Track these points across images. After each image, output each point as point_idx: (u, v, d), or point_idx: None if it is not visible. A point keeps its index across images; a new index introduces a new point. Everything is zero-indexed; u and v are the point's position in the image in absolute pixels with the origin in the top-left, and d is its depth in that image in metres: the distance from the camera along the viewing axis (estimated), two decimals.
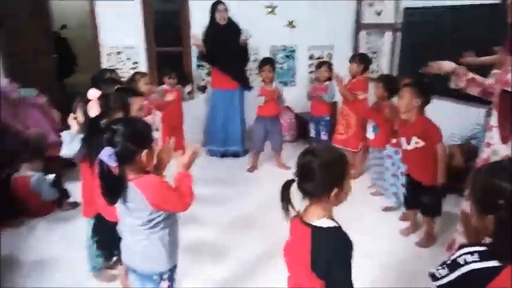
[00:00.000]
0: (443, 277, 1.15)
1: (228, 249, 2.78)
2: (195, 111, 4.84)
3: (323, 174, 1.28)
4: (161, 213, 1.55)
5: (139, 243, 1.59)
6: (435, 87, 2.71)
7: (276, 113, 4.18)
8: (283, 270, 1.45)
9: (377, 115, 3.40)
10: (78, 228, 2.33)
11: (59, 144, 3.89)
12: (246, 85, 4.47)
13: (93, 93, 1.62)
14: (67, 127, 2.08)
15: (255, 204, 3.43)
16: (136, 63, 4.60)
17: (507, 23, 2.21)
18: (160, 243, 1.58)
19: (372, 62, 4.98)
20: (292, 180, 1.34)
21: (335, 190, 1.29)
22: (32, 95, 3.97)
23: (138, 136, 1.48)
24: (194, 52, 4.75)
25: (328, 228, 1.30)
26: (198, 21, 4.56)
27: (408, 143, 2.72)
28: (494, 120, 2.20)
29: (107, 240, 2.00)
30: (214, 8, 4.23)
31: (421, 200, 2.75)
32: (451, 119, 3.23)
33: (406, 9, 4.35)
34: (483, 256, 1.09)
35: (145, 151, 1.48)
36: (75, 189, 2.65)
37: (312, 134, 4.45)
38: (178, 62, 4.87)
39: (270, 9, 4.90)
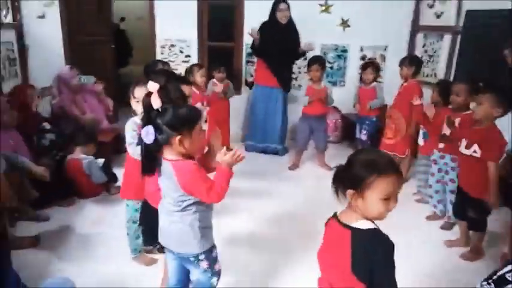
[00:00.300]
0: None
1: (264, 242, 2.80)
2: (242, 106, 4.90)
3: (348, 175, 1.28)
4: (191, 198, 1.62)
5: (172, 225, 1.68)
6: None
7: (322, 112, 4.11)
8: (316, 268, 1.43)
9: (428, 121, 3.24)
10: (123, 210, 2.43)
11: (110, 131, 4.16)
12: (286, 88, 4.45)
13: (154, 86, 1.67)
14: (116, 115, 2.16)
15: (293, 201, 3.43)
16: (188, 56, 4.72)
17: None
18: (190, 227, 1.65)
19: (423, 65, 4.79)
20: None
21: (352, 191, 1.26)
22: (90, 82, 4.18)
23: (176, 122, 1.56)
24: (245, 48, 4.81)
25: (368, 230, 1.27)
26: (253, 18, 4.59)
27: (468, 147, 2.54)
28: None
29: (151, 227, 2.06)
30: (275, 6, 4.21)
31: (467, 213, 2.61)
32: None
33: (468, 11, 4.11)
34: None
35: (179, 137, 1.55)
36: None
37: (358, 134, 4.37)
38: (229, 57, 4.93)
39: (324, 8, 4.83)
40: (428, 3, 4.76)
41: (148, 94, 1.63)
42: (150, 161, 1.63)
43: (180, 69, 4.42)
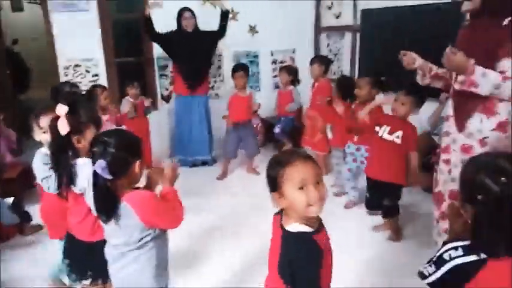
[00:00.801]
0: (431, 274, 1.17)
1: (203, 258, 2.73)
2: (160, 122, 4.76)
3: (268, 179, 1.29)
4: (151, 232, 1.47)
5: (124, 269, 1.50)
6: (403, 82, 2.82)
7: (248, 118, 4.17)
8: (258, 278, 1.41)
9: (331, 115, 3.46)
10: (42, 251, 2.20)
11: (16, 165, 3.76)
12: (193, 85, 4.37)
13: (62, 109, 1.56)
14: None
15: (228, 211, 3.41)
16: (96, 75, 4.46)
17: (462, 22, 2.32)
18: (146, 265, 1.49)
19: (332, 63, 5.10)
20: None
21: (274, 194, 1.27)
22: None
23: (131, 146, 1.46)
24: (157, 62, 4.68)
25: (296, 233, 1.25)
26: (160, 29, 4.48)
27: (390, 133, 2.73)
28: (450, 111, 2.30)
29: (79, 262, 1.89)
30: (180, 15, 4.20)
31: (382, 203, 2.83)
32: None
33: (363, 10, 4.46)
34: (467, 250, 1.11)
35: (138, 161, 1.45)
36: (37, 212, 2.51)
37: (276, 130, 4.51)
38: (140, 73, 4.76)
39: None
40: (327, 4, 5.07)
41: (55, 119, 1.49)
42: (111, 202, 1.40)
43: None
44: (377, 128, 2.80)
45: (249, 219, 3.20)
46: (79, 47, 4.32)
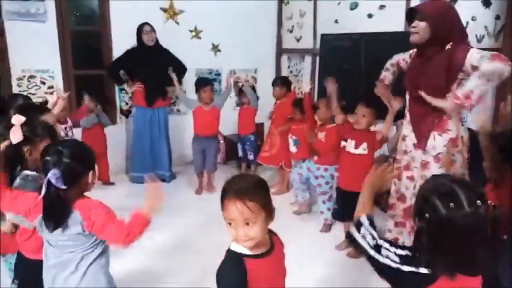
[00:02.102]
0: (368, 246, 1.24)
1: (164, 276, 2.67)
2: (118, 136, 4.65)
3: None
4: (97, 240, 1.46)
5: (70, 279, 1.46)
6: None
7: (213, 134, 4.20)
8: None
9: (297, 130, 3.64)
10: None
11: None
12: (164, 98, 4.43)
13: (18, 119, 1.54)
14: None
15: (184, 229, 3.37)
16: (51, 87, 4.29)
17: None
18: (99, 273, 1.48)
19: (292, 84, 5.26)
20: None
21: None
22: None
23: (84, 156, 1.49)
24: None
25: (230, 250, 1.28)
26: (120, 43, 4.43)
27: (356, 147, 2.93)
28: (406, 131, 2.47)
29: (28, 281, 1.79)
30: (140, 30, 4.17)
31: (351, 214, 2.89)
32: None
33: (323, 35, 4.65)
34: (403, 260, 1.18)
35: (91, 172, 1.48)
36: None
37: (240, 154, 4.64)
38: (100, 86, 4.65)
39: (194, 33, 4.93)
40: (288, 28, 5.25)
41: (9, 127, 1.48)
42: (61, 210, 1.39)
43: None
44: (343, 143, 3.00)
45: (209, 236, 3.17)
46: (34, 57, 4.16)
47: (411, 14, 2.32)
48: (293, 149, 3.74)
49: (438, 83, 2.25)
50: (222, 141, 5.05)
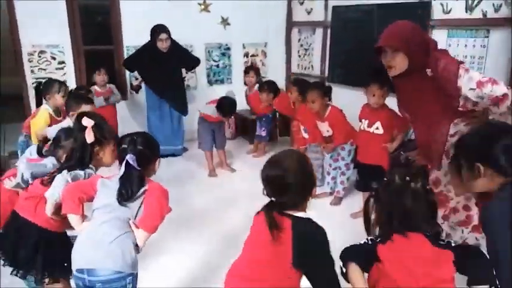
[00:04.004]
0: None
1: (167, 248, 2.72)
2: (129, 112, 4.68)
3: (301, 185, 1.40)
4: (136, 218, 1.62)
5: (112, 244, 1.54)
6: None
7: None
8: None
9: (303, 121, 3.65)
10: None
11: None
12: (183, 112, 4.44)
13: (89, 122, 1.79)
14: None
15: (194, 202, 3.42)
16: (62, 62, 4.31)
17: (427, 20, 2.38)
18: (131, 245, 1.59)
19: (300, 58, 5.22)
20: (272, 202, 1.43)
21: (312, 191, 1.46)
22: None
23: (152, 146, 1.74)
24: (126, 51, 4.58)
25: (307, 218, 1.40)
26: (130, 18, 4.40)
27: (369, 126, 2.97)
28: None
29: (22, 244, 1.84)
30: (155, 34, 4.05)
31: (369, 184, 2.93)
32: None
33: (334, 7, 4.55)
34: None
35: (158, 159, 1.75)
36: None
37: (258, 131, 4.64)
38: (109, 62, 4.64)
39: (202, 7, 4.86)
40: (299, 0, 5.14)
41: (82, 128, 1.76)
42: (138, 185, 1.63)
43: (55, 77, 4.00)
44: (359, 123, 3.06)
45: (223, 212, 3.23)
46: (44, 32, 4.16)
47: (379, 49, 2.13)
48: (305, 135, 3.75)
49: (439, 111, 2.11)
50: (232, 117, 5.04)
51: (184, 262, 2.56)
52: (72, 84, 4.29)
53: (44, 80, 3.24)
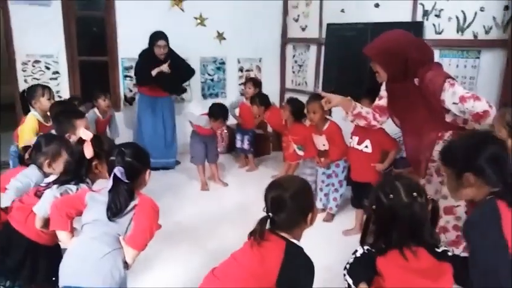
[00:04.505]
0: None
1: (160, 261, 2.68)
2: (122, 123, 4.66)
3: (296, 207, 1.42)
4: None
5: (101, 261, 1.52)
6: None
7: (214, 132, 4.13)
8: None
9: (297, 140, 3.69)
10: None
11: None
12: (175, 91, 4.42)
13: (87, 134, 1.75)
14: None
15: (186, 216, 3.38)
16: (56, 72, 4.29)
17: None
18: (119, 263, 1.55)
19: (294, 74, 5.27)
20: (268, 216, 1.43)
21: (309, 216, 1.45)
22: None
23: (142, 157, 1.68)
24: (121, 62, 4.59)
25: (299, 246, 1.43)
26: (125, 30, 4.42)
27: (359, 143, 2.97)
28: None
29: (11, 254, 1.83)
30: (153, 41, 4.07)
31: (362, 202, 2.96)
32: None
33: (329, 24, 4.62)
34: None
35: (148, 170, 1.68)
36: None
37: (238, 144, 4.70)
38: (103, 73, 4.64)
39: (199, 21, 4.90)
40: (294, 17, 5.21)
41: (81, 142, 1.71)
42: (124, 200, 1.58)
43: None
44: (349, 139, 3.06)
45: (211, 223, 3.20)
46: (39, 42, 4.15)
47: None
48: (300, 152, 3.77)
49: (426, 121, 2.18)
50: (226, 131, 5.05)
51: (175, 276, 2.52)
52: (66, 95, 4.28)
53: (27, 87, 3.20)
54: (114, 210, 1.56)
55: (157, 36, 4.05)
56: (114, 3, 4.42)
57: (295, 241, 1.43)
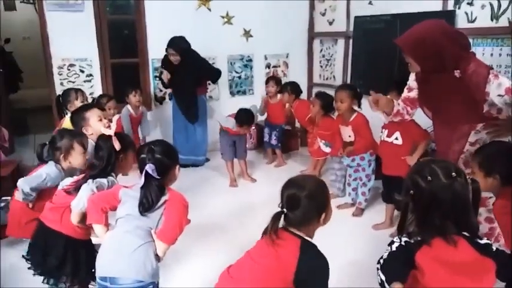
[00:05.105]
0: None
1: (191, 256, 2.75)
2: (154, 123, 4.78)
3: (312, 204, 1.43)
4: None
5: (135, 253, 1.58)
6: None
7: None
8: None
9: (324, 136, 3.69)
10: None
11: (8, 163, 3.76)
12: (191, 120, 4.44)
13: (109, 131, 1.87)
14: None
15: (217, 212, 3.43)
16: (90, 75, 4.46)
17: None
18: (151, 255, 1.62)
19: (322, 68, 5.22)
20: (282, 212, 1.45)
21: (323, 215, 1.45)
22: None
23: (171, 153, 1.74)
24: (151, 63, 4.70)
25: (314, 244, 1.44)
26: (155, 32, 4.52)
27: (389, 135, 2.94)
28: None
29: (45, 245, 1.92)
30: (166, 49, 4.21)
31: (394, 196, 2.93)
32: None
33: (356, 17, 4.55)
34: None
35: (177, 166, 1.74)
36: None
37: (266, 138, 4.70)
38: (135, 74, 4.77)
39: (226, 19, 4.95)
40: (321, 11, 5.16)
41: (106, 136, 1.84)
42: (156, 196, 1.64)
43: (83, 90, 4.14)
44: (380, 133, 3.03)
45: (242, 222, 3.24)
46: (73, 46, 4.32)
47: None
48: (327, 149, 3.77)
49: (469, 108, 2.08)
50: (254, 127, 5.08)
51: (203, 271, 2.58)
52: None
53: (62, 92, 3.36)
54: (146, 206, 1.62)
55: (168, 45, 4.17)
56: (143, 6, 4.53)
57: (308, 239, 1.46)
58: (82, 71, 4.44)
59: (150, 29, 4.59)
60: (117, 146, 1.83)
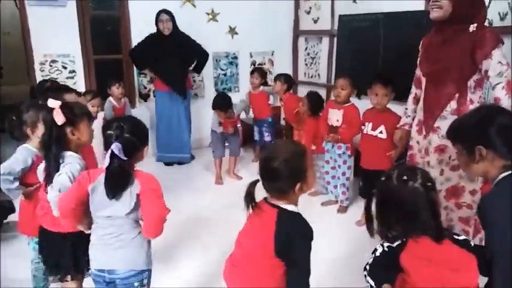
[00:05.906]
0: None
1: (182, 252, 2.75)
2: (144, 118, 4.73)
3: (286, 172, 1.35)
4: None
5: (121, 249, 1.59)
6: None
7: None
8: None
9: (311, 132, 3.65)
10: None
11: None
12: (181, 94, 4.37)
13: (54, 103, 1.66)
14: None
15: (201, 210, 3.42)
16: (73, 71, 4.39)
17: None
18: (141, 242, 1.62)
19: (307, 66, 5.25)
20: (258, 181, 1.42)
21: (298, 184, 1.37)
22: None
23: (141, 132, 1.62)
24: None
25: (293, 212, 1.39)
26: (139, 28, 4.47)
27: (373, 129, 2.95)
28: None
29: (52, 254, 1.89)
30: (156, 18, 4.16)
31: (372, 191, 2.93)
32: None
33: (341, 16, 4.59)
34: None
35: (146, 146, 1.63)
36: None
37: (256, 137, 4.64)
38: (118, 71, 4.72)
39: (211, 16, 4.93)
40: (305, 9, 5.19)
41: (50, 110, 1.59)
42: (124, 179, 1.53)
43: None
44: (363, 126, 3.03)
45: (227, 216, 3.24)
46: (56, 42, 4.24)
47: None
48: (313, 146, 3.76)
49: (463, 64, 2.13)
50: (240, 125, 5.07)
51: (187, 269, 2.60)
52: None
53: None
54: (114, 190, 1.53)
55: (160, 12, 4.13)
56: (127, 2, 4.48)
57: (289, 207, 1.40)
58: (65, 67, 4.36)
59: (134, 25, 4.55)
60: (59, 119, 1.64)
